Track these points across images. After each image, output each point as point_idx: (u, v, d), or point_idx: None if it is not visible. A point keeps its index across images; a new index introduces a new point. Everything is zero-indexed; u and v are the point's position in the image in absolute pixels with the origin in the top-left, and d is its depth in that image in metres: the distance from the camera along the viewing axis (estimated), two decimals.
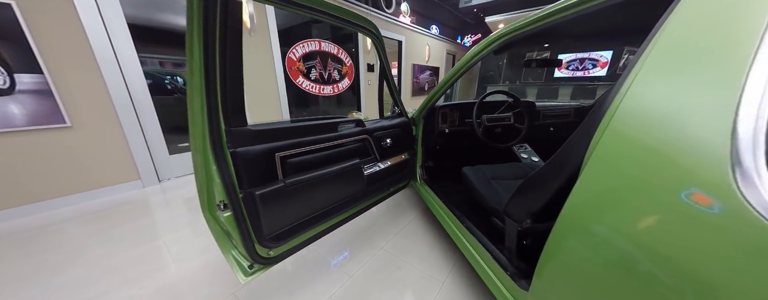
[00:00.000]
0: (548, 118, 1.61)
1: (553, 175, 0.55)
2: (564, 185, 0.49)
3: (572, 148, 0.49)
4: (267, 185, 0.73)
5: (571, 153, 0.49)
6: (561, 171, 0.52)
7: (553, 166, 0.55)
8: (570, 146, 0.50)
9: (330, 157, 0.93)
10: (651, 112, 0.35)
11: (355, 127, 1.06)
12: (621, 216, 0.38)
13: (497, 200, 0.97)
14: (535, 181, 0.64)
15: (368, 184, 1.12)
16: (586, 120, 0.47)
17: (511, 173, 1.15)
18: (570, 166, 0.48)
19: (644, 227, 0.34)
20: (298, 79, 3.05)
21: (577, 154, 0.45)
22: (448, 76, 1.16)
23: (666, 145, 0.33)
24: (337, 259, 1.19)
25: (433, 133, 1.46)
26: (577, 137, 0.48)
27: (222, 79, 0.60)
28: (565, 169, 0.49)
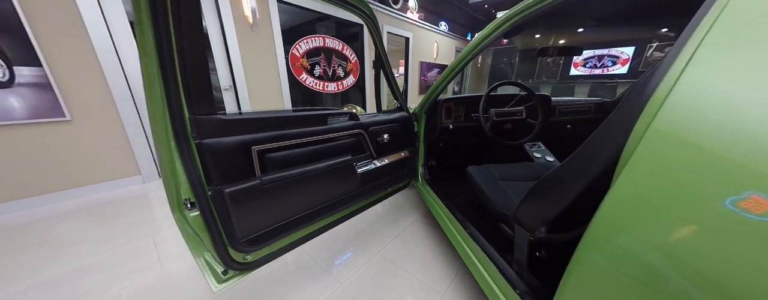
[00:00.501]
0: (565, 115, 1.46)
1: (573, 177, 0.46)
2: (588, 189, 0.42)
3: (599, 146, 0.42)
4: (240, 182, 0.65)
5: (597, 152, 0.42)
6: (584, 172, 0.44)
7: (573, 166, 0.47)
8: (595, 144, 0.43)
9: (317, 153, 0.84)
10: (715, 104, 0.27)
11: (348, 121, 0.97)
12: (681, 231, 0.28)
13: (505, 204, 0.85)
14: (551, 183, 0.53)
15: (363, 183, 1.03)
16: (617, 114, 0.40)
17: (522, 174, 1.02)
18: (596, 167, 0.41)
19: (710, 245, 0.26)
20: (302, 75, 3.00)
21: (606, 153, 0.39)
22: (453, 65, 1.05)
23: (739, 145, 0.25)
24: (328, 263, 1.11)
25: (436, 129, 1.34)
26: (606, 134, 0.41)
27: (180, 58, 0.52)
28: (590, 170, 0.42)
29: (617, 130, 0.37)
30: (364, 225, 1.40)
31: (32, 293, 0.94)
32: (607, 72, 5.76)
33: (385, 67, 1.06)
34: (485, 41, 0.89)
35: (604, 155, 0.39)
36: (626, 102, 0.38)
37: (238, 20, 2.25)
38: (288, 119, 0.76)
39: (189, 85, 0.54)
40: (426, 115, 1.35)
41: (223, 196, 0.62)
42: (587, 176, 0.43)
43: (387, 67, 1.06)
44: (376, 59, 1.08)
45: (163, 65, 0.50)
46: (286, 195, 0.76)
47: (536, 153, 1.31)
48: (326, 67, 3.25)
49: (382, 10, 3.69)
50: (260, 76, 2.54)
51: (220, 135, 0.62)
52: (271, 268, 1.07)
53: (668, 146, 0.30)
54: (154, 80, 0.51)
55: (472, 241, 0.86)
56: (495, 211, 0.85)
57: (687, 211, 0.28)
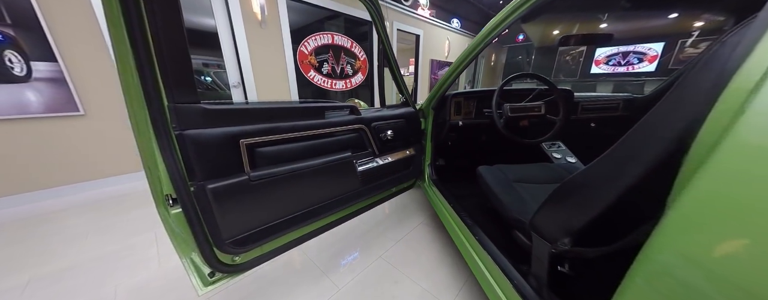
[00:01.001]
0: (588, 112, 1.32)
1: (605, 182, 0.39)
2: (624, 197, 0.36)
3: (639, 148, 0.36)
4: (227, 178, 0.60)
5: (637, 154, 0.35)
6: (620, 177, 0.37)
7: (604, 169, 0.41)
8: (634, 145, 0.37)
9: (313, 148, 0.78)
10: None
11: (348, 115, 0.90)
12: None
13: (521, 208, 0.76)
14: (576, 188, 0.46)
15: (364, 182, 0.96)
16: (664, 111, 0.34)
17: (541, 176, 0.91)
18: (636, 172, 0.34)
19: None
20: (310, 73, 2.98)
21: (649, 156, 0.33)
22: (464, 55, 0.96)
23: None
24: (326, 266, 1.05)
25: (445, 126, 1.25)
26: (650, 134, 0.35)
27: (155, 40, 0.47)
28: (627, 175, 0.36)
29: (668, 129, 0.31)
30: (366, 226, 1.33)
31: (33, 286, 0.94)
32: (631, 70, 5.38)
33: (389, 57, 0.99)
34: (500, 27, 0.80)
35: (648, 158, 0.33)
36: (677, 97, 0.32)
37: (246, 17, 2.25)
38: (280, 111, 0.70)
39: (167, 68, 0.49)
40: (434, 111, 1.26)
41: (207, 192, 0.56)
42: (624, 182, 0.36)
43: (391, 56, 0.98)
44: (379, 48, 1.01)
45: (135, 40, 0.45)
46: (279, 193, 0.70)
47: (556, 153, 1.19)
48: (334, 65, 3.21)
49: (392, 6, 3.62)
50: (268, 74, 2.54)
51: (204, 126, 0.57)
52: (264, 268, 1.02)
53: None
54: (125, 57, 0.46)
55: (482, 249, 0.77)
56: (509, 217, 0.76)
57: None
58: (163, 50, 0.48)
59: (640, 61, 5.29)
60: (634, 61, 5.36)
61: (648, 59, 5.21)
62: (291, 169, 0.70)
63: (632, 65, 5.39)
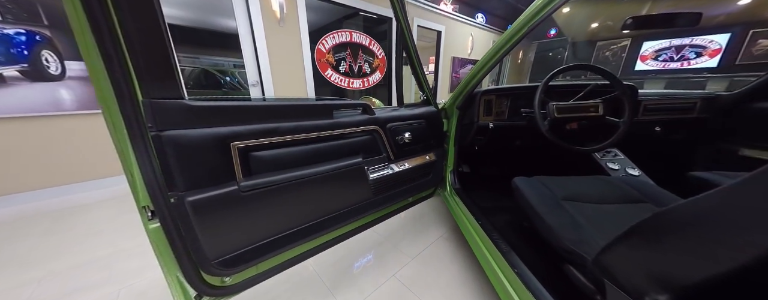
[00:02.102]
0: (653, 113, 1.08)
1: (755, 222, 0.24)
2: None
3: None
4: (213, 187, 0.51)
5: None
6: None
7: (754, 200, 0.25)
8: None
9: (319, 153, 0.67)
10: None
11: (360, 115, 0.79)
12: None
13: (576, 236, 0.59)
14: (688, 223, 0.31)
15: (376, 191, 0.84)
16: None
17: (597, 192, 0.73)
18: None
19: None
20: (327, 71, 2.93)
21: None
22: (493, 50, 0.80)
23: None
24: (333, 282, 0.94)
25: (472, 128, 1.09)
26: None
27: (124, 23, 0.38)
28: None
29: None
30: (378, 236, 1.21)
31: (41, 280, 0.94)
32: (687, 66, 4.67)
33: (411, 51, 0.86)
34: (536, 18, 0.64)
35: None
36: None
37: (266, 15, 2.24)
38: (281, 109, 0.60)
39: (139, 57, 0.41)
40: (459, 111, 1.10)
41: (190, 205, 0.48)
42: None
43: (412, 47, 0.85)
44: (398, 38, 0.88)
45: (101, 33, 0.37)
46: (277, 205, 0.60)
47: (612, 164, 0.98)
48: (352, 63, 3.14)
49: (413, 2, 3.46)
50: (286, 72, 2.52)
51: (188, 126, 0.48)
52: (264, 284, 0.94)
53: None
54: (92, 54, 0.38)
55: (521, 284, 0.61)
56: (560, 247, 0.59)
57: None
58: (134, 35, 0.39)
59: (699, 55, 4.58)
60: (691, 56, 4.65)
61: (708, 53, 4.49)
62: (291, 177, 0.60)
63: (688, 60, 4.68)
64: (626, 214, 0.64)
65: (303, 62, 2.62)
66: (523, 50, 6.59)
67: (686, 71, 4.69)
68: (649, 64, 5.09)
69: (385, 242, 1.18)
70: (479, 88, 1.07)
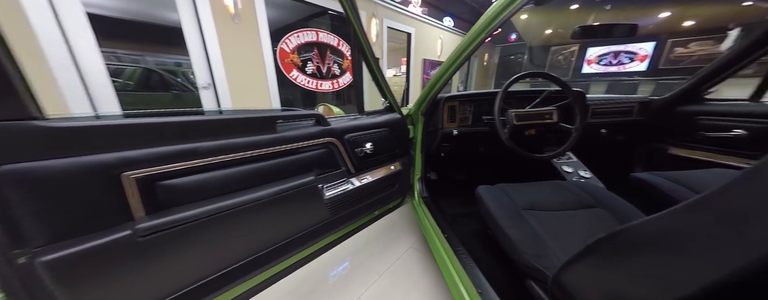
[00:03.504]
0: (599, 116, 1.16)
1: (708, 248, 0.23)
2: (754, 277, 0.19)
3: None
4: (88, 238, 0.38)
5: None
6: (742, 240, 0.21)
7: (704, 224, 0.24)
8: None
9: (259, 174, 0.58)
10: None
11: (312, 126, 0.70)
12: None
13: (537, 250, 0.58)
14: (644, 246, 0.30)
15: (334, 210, 0.76)
16: None
17: (554, 199, 0.73)
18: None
19: None
20: (292, 72, 2.75)
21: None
22: (455, 54, 0.78)
23: None
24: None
25: (437, 135, 1.06)
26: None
27: None
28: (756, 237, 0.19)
29: None
30: (344, 254, 1.13)
31: None
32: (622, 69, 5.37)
33: (366, 53, 0.79)
34: (493, 24, 0.62)
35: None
36: None
37: (217, 10, 2.01)
38: (201, 126, 0.49)
39: None
40: (424, 117, 1.07)
41: (46, 266, 0.35)
42: (741, 254, 0.21)
43: (368, 51, 0.79)
44: (352, 41, 0.81)
45: None
46: (198, 245, 0.49)
47: (566, 167, 1.02)
48: (320, 64, 3.00)
49: (382, 3, 3.42)
50: (244, 73, 2.30)
51: (44, 155, 0.35)
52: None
53: None
54: None
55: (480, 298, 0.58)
56: (522, 262, 0.57)
57: None
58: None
59: (631, 60, 5.29)
60: (626, 61, 5.35)
61: (639, 58, 5.20)
62: (219, 207, 0.49)
63: (623, 65, 5.38)
64: (582, 221, 0.65)
65: (264, 63, 2.42)
66: (489, 53, 6.97)
67: (622, 74, 5.37)
68: (594, 67, 5.74)
69: (351, 259, 1.10)
70: (443, 95, 1.05)
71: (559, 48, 6.14)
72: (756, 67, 0.98)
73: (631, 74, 5.28)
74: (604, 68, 5.65)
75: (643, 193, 0.86)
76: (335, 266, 1.06)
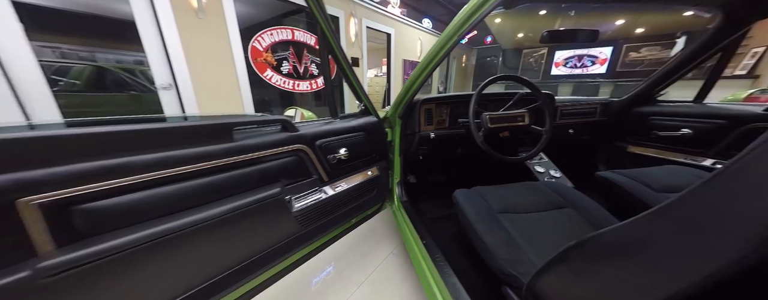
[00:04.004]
0: (567, 117, 1.21)
1: (676, 256, 0.23)
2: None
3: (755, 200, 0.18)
4: None
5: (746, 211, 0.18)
6: (706, 249, 0.21)
7: (666, 231, 0.24)
8: (737, 192, 0.19)
9: (213, 189, 0.51)
10: None
11: (278, 133, 0.64)
12: None
13: (513, 256, 0.57)
14: (613, 254, 0.29)
15: (305, 222, 0.71)
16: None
17: (528, 201, 0.74)
18: (745, 244, 0.18)
19: None
20: (266, 72, 2.62)
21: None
22: (430, 56, 0.76)
23: None
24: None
25: (414, 138, 1.05)
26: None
27: None
28: (721, 247, 0.19)
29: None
30: (319, 265, 1.07)
31: None
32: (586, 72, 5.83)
33: (335, 52, 0.75)
34: (475, 17, 0.61)
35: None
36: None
37: (176, 3, 1.84)
38: (131, 136, 0.41)
39: None
40: (402, 121, 1.05)
41: None
42: (705, 263, 0.21)
43: (337, 50, 0.74)
44: (319, 41, 0.76)
45: None
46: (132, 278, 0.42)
47: (539, 167, 1.05)
48: (296, 64, 2.88)
49: (359, 2, 3.37)
50: (211, 73, 2.13)
51: None
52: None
53: None
54: None
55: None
56: (498, 269, 0.57)
57: None
58: None
59: (593, 63, 5.76)
60: (588, 64, 5.82)
61: (599, 62, 5.68)
62: (157, 232, 0.42)
63: (586, 67, 5.84)
64: (553, 222, 0.67)
65: (234, 61, 2.26)
66: (467, 55, 7.19)
67: (585, 76, 5.83)
68: (561, 69, 6.17)
69: (329, 268, 1.05)
70: (420, 97, 1.03)
71: (530, 51, 6.50)
72: (696, 71, 1.09)
73: (593, 76, 5.74)
74: (570, 70, 6.09)
75: (607, 190, 0.91)
76: (312, 269, 1.00)
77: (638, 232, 0.27)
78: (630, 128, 1.20)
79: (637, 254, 0.26)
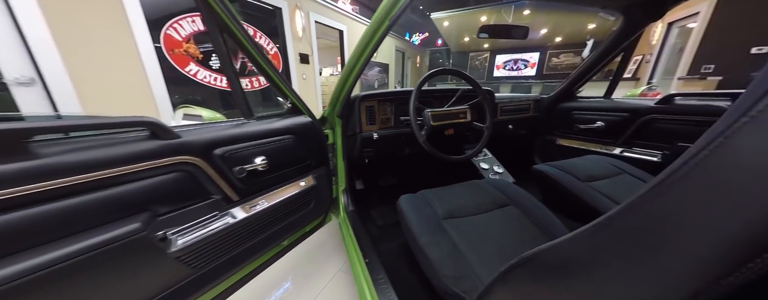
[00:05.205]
0: (507, 114, 1.27)
1: (620, 274, 0.18)
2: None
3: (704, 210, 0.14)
4: None
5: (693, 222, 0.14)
6: (655, 269, 0.16)
7: (609, 247, 0.20)
8: (682, 200, 0.15)
9: None
10: None
11: (145, 141, 0.45)
12: None
13: (456, 271, 0.51)
14: (561, 273, 0.24)
15: (200, 261, 0.53)
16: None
17: (474, 202, 0.70)
18: (695, 262, 0.13)
19: None
20: (189, 67, 2.19)
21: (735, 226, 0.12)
22: (367, 35, 0.67)
23: None
24: None
25: (356, 140, 0.93)
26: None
27: None
28: (668, 264, 0.15)
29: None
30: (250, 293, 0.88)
31: None
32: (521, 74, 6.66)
33: (235, 33, 0.58)
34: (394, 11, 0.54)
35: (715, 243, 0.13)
36: None
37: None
38: None
39: None
40: (342, 120, 0.93)
41: None
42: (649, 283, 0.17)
43: (237, 31, 0.58)
44: (206, 23, 0.58)
45: None
46: None
47: (483, 164, 1.06)
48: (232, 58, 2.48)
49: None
50: (99, 65, 1.65)
51: None
52: None
53: None
54: None
55: None
56: (441, 288, 0.49)
57: None
58: None
59: (526, 66, 6.60)
60: (522, 67, 6.65)
61: (530, 65, 6.55)
62: None
63: (521, 70, 6.67)
64: (497, 224, 0.63)
65: (137, 51, 1.81)
66: (421, 56, 7.47)
67: (520, 78, 6.67)
68: (502, 71, 6.90)
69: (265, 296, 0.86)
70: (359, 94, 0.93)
71: (476, 54, 7.09)
72: (599, 75, 1.25)
73: (526, 78, 6.59)
74: (509, 72, 6.87)
75: (543, 182, 0.95)
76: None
77: (578, 249, 0.22)
78: (557, 122, 1.32)
79: (579, 271, 0.22)
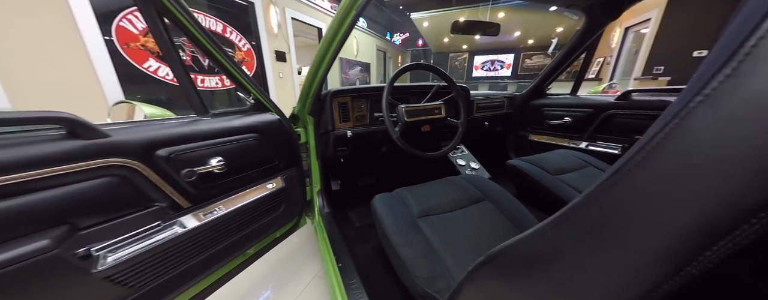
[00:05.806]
0: (482, 110, 1.29)
1: (581, 267, 0.18)
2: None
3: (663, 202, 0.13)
4: None
5: (652, 212, 0.13)
6: (620, 262, 0.15)
7: (569, 239, 0.19)
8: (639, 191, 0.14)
9: None
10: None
11: (63, 141, 0.38)
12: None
13: (430, 271, 0.49)
14: (527, 268, 0.23)
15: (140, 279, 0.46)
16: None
17: (449, 199, 0.69)
18: (654, 256, 0.13)
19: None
20: (148, 63, 2.00)
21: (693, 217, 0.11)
22: (334, 26, 0.63)
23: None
24: None
25: (329, 138, 0.89)
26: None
27: None
28: (629, 260, 0.14)
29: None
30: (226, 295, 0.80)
31: None
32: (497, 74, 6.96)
33: (179, 18, 0.52)
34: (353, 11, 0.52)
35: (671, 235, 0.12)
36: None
37: None
38: None
39: None
40: (314, 118, 0.88)
41: None
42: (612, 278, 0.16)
43: (181, 15, 0.51)
44: (144, 11, 0.51)
45: None
46: None
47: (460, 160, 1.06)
48: (197, 54, 2.31)
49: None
50: (34, 63, 1.45)
51: None
52: None
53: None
54: None
55: None
56: (415, 291, 0.47)
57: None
58: None
59: (502, 67, 6.91)
60: (498, 68, 6.95)
61: (506, 66, 6.86)
62: None
63: (497, 70, 6.96)
64: (472, 220, 0.63)
65: (83, 45, 1.61)
66: (402, 56, 7.52)
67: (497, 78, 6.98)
68: (480, 72, 7.16)
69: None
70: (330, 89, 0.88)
71: (455, 54, 7.28)
72: (565, 74, 1.31)
73: (503, 78, 6.90)
74: (486, 73, 7.14)
75: (517, 177, 0.96)
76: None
77: (542, 244, 0.21)
78: (529, 119, 1.36)
79: (544, 270, 0.21)
